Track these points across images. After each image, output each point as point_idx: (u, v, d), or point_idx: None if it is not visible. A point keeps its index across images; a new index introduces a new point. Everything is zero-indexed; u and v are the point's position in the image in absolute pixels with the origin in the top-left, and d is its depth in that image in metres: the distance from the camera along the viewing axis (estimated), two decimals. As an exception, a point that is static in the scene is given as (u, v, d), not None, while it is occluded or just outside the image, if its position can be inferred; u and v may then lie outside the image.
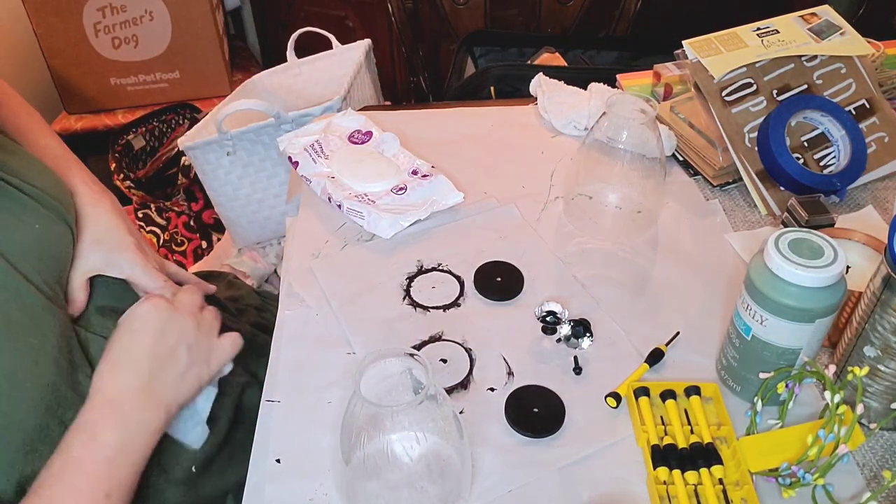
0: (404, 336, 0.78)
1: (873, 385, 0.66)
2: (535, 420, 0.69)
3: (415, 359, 0.57)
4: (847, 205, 0.95)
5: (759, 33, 0.99)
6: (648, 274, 0.87)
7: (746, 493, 0.62)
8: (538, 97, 1.12)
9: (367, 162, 0.99)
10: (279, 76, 1.60)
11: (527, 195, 0.97)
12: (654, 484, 0.63)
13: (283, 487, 0.64)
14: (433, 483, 0.60)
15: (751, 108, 0.95)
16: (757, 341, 0.66)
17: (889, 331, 0.63)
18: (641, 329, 0.78)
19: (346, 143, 1.03)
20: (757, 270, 0.64)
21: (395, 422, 0.55)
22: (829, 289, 0.62)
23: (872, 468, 0.66)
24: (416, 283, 0.84)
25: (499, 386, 0.73)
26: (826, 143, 0.96)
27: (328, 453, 0.66)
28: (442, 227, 0.92)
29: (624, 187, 0.89)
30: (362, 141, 1.03)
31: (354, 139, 1.04)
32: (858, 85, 0.99)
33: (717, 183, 0.98)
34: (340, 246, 0.89)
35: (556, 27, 1.72)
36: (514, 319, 0.80)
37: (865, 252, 0.81)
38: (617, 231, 0.90)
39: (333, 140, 1.03)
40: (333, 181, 0.96)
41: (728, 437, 0.67)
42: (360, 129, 1.05)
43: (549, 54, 1.49)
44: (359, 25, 2.26)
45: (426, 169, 0.97)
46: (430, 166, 0.98)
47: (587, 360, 0.75)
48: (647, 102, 0.84)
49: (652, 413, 0.69)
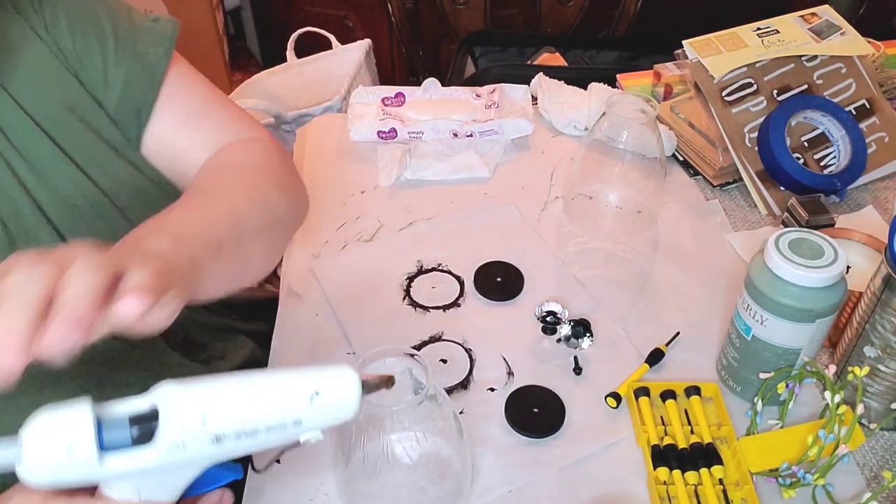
0: (404, 336, 0.78)
1: (873, 385, 0.66)
2: (536, 420, 0.69)
3: (415, 359, 0.57)
4: (847, 205, 0.95)
5: (759, 33, 0.99)
6: (648, 274, 0.87)
7: (746, 493, 0.62)
8: (538, 97, 1.12)
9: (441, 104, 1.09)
10: (279, 76, 1.60)
11: (527, 195, 0.97)
12: (654, 484, 0.63)
13: (283, 487, 0.64)
14: (433, 483, 0.60)
15: (751, 108, 0.95)
16: (757, 341, 0.66)
17: (889, 331, 0.63)
18: (641, 329, 0.78)
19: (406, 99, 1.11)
20: (757, 270, 0.64)
21: (394, 422, 0.55)
22: (829, 289, 0.62)
23: (873, 468, 0.66)
24: (416, 283, 0.84)
25: (499, 386, 0.73)
26: (826, 143, 0.96)
27: (328, 453, 0.66)
28: (442, 227, 0.92)
29: (624, 187, 0.89)
30: (399, 104, 1.08)
31: (388, 103, 1.07)
32: (858, 85, 0.99)
33: (718, 183, 0.98)
34: (340, 246, 0.89)
35: (556, 27, 1.72)
36: (514, 319, 0.80)
37: (865, 252, 0.81)
38: (617, 231, 0.90)
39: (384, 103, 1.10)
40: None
41: (728, 437, 0.67)
42: (388, 94, 1.10)
43: (549, 54, 1.49)
44: (359, 25, 2.26)
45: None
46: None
47: (587, 360, 0.75)
48: (647, 102, 0.84)
49: (652, 413, 0.69)
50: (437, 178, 0.99)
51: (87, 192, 0.65)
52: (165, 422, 0.39)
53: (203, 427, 0.39)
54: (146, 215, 0.56)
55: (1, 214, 0.61)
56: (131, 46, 0.69)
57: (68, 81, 0.66)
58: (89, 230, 0.64)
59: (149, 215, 0.56)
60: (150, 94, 0.70)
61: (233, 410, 0.40)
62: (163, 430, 0.39)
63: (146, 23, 0.72)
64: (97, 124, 0.67)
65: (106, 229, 0.65)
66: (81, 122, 0.66)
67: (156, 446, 0.38)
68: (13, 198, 0.62)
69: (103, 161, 0.67)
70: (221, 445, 0.40)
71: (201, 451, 0.39)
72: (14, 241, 0.61)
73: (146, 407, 0.39)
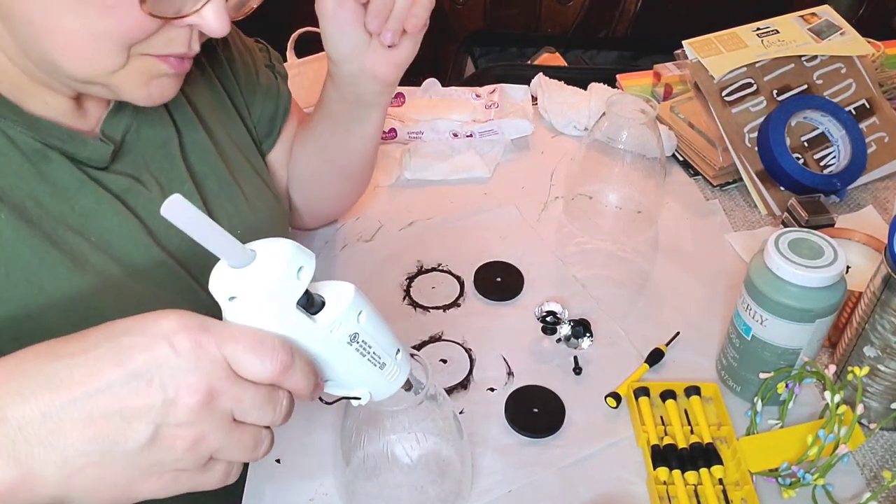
0: (404, 336, 0.78)
1: (873, 385, 0.66)
2: (535, 420, 0.69)
3: (415, 359, 0.57)
4: (847, 205, 0.95)
5: (759, 33, 0.99)
6: (648, 274, 0.87)
7: (746, 493, 0.62)
8: (538, 97, 1.12)
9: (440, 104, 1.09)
10: (279, 76, 1.60)
11: (527, 195, 0.97)
12: (654, 484, 0.63)
13: (283, 488, 0.64)
14: (433, 483, 0.60)
15: (751, 108, 0.95)
16: (757, 341, 0.66)
17: (889, 331, 0.63)
18: (641, 329, 0.78)
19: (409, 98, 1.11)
20: (757, 270, 0.64)
21: (394, 422, 0.55)
22: (829, 289, 0.62)
23: (872, 468, 0.66)
24: (416, 283, 0.84)
25: (499, 386, 0.73)
26: (826, 143, 0.96)
27: (328, 453, 0.66)
28: (442, 227, 0.92)
29: (624, 187, 0.89)
30: (399, 104, 1.09)
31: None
32: (858, 85, 0.99)
33: (717, 183, 0.98)
34: (340, 246, 0.89)
35: (556, 27, 1.72)
36: (514, 319, 0.80)
37: (865, 252, 0.81)
38: (617, 231, 0.90)
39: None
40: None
41: (728, 437, 0.67)
42: None
43: (549, 54, 1.49)
44: (359, 25, 2.26)
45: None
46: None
47: (587, 360, 0.75)
48: (647, 102, 0.84)
49: (652, 413, 0.69)
50: (437, 178, 0.99)
51: (222, 177, 0.71)
52: (332, 303, 0.44)
53: (357, 323, 0.45)
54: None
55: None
56: (262, 58, 0.82)
57: (227, 107, 0.75)
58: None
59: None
60: (288, 93, 0.82)
61: (374, 318, 0.46)
62: (330, 308, 0.44)
63: (254, 42, 0.83)
64: (237, 134, 0.76)
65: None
66: (226, 131, 0.74)
67: (322, 317, 0.43)
68: (171, 167, 0.67)
69: (234, 157, 0.74)
70: (351, 346, 0.45)
71: (340, 342, 0.44)
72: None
73: (317, 291, 0.45)
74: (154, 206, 0.61)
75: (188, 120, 0.69)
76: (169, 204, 0.36)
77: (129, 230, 0.61)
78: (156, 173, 0.65)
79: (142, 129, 0.64)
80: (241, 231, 0.69)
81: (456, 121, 1.04)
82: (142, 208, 0.62)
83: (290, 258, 0.41)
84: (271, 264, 0.41)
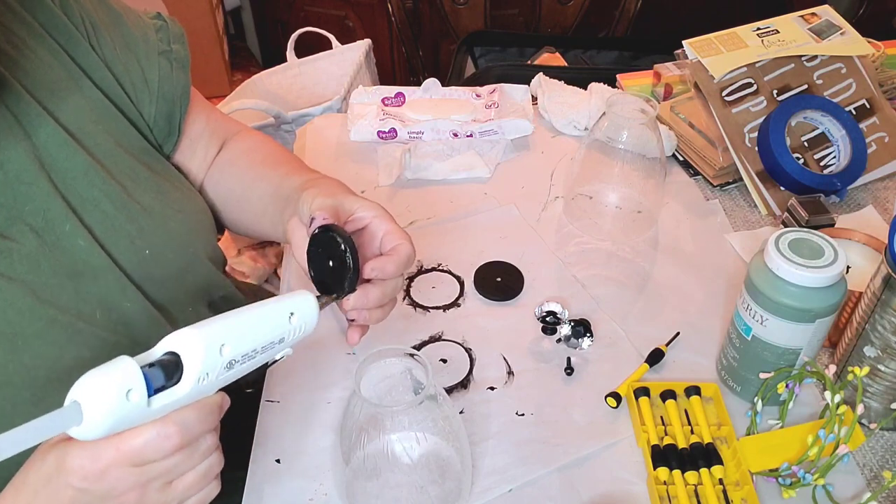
0: (404, 336, 0.78)
1: (873, 385, 0.66)
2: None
3: (415, 359, 0.57)
4: (847, 205, 0.95)
5: (759, 33, 0.99)
6: (648, 274, 0.87)
7: (746, 493, 0.62)
8: (538, 97, 1.12)
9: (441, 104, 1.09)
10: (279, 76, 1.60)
11: (527, 195, 0.97)
12: (654, 484, 0.63)
13: (283, 487, 0.64)
14: (433, 483, 0.60)
15: (751, 108, 0.95)
16: (757, 341, 0.66)
17: (889, 331, 0.63)
18: (641, 329, 0.78)
19: (406, 99, 1.11)
20: (757, 270, 0.64)
21: (395, 422, 0.55)
22: (829, 289, 0.62)
23: (873, 468, 0.66)
24: (416, 283, 0.84)
25: (499, 386, 0.73)
26: (826, 143, 0.96)
27: (328, 453, 0.66)
28: (442, 227, 0.92)
29: (624, 187, 0.89)
30: (399, 104, 1.09)
31: (388, 103, 1.07)
32: (858, 85, 0.99)
33: (717, 183, 0.98)
34: (340, 246, 0.89)
35: (556, 27, 1.72)
36: (514, 319, 0.80)
37: (865, 252, 0.81)
38: (617, 231, 0.90)
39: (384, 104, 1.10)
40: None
41: (728, 437, 0.67)
42: (388, 95, 1.10)
43: (549, 54, 1.49)
44: (359, 25, 2.26)
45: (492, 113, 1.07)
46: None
47: (587, 360, 0.75)
48: (647, 102, 0.84)
49: (652, 413, 0.69)
50: (437, 178, 0.99)
51: (116, 197, 0.64)
52: (189, 360, 0.45)
53: (220, 357, 0.46)
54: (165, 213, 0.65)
55: (34, 222, 0.59)
56: (156, 45, 0.72)
57: (112, 114, 0.67)
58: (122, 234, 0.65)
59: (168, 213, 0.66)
60: (185, 82, 0.74)
61: (240, 338, 0.47)
62: (189, 368, 0.45)
63: (155, 21, 0.74)
64: (128, 141, 0.68)
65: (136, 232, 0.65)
66: (114, 140, 0.66)
67: (185, 382, 0.45)
68: (48, 206, 0.59)
69: (128, 168, 0.67)
70: (232, 370, 0.47)
71: (218, 378, 0.47)
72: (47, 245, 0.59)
73: (165, 352, 0.46)
74: (32, 261, 0.57)
75: (59, 143, 0.60)
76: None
77: (6, 299, 0.54)
78: (29, 218, 0.57)
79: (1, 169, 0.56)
80: (150, 251, 0.65)
81: (456, 121, 1.04)
82: (17, 269, 0.56)
83: (114, 396, 0.42)
84: (98, 411, 0.42)
